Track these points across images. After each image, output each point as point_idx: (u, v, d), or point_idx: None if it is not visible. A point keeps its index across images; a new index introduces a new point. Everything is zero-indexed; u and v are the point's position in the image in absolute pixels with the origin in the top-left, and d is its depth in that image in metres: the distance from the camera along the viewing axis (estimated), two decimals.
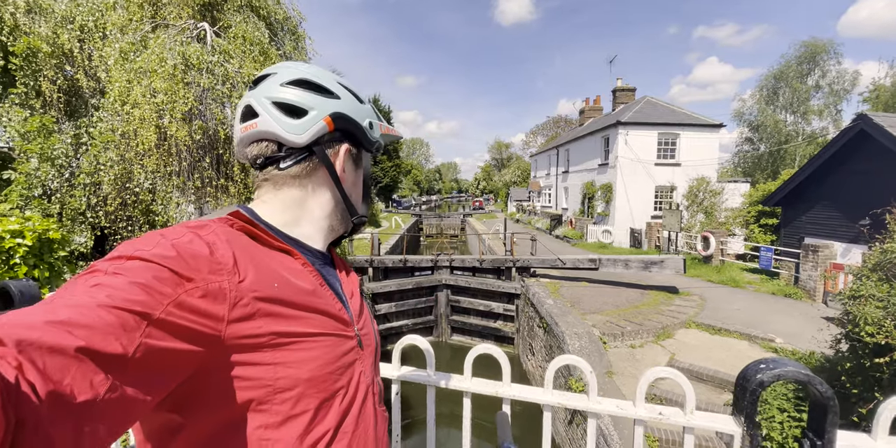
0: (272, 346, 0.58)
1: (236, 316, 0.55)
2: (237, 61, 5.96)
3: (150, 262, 0.51)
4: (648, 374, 1.19)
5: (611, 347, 7.22)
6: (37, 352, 0.36)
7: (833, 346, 4.30)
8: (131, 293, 0.46)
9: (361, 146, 0.79)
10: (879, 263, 3.92)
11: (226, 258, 0.58)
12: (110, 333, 0.42)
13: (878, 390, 3.27)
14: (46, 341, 0.37)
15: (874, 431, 1.02)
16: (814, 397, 1.06)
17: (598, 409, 1.25)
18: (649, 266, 10.31)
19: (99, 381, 0.40)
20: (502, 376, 1.37)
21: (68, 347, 0.38)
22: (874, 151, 9.19)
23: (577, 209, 23.46)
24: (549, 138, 48.54)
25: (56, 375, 0.37)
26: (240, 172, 6.20)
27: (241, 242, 0.63)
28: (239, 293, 0.56)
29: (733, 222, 15.50)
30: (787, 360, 1.11)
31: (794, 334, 7.15)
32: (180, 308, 0.50)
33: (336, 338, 0.67)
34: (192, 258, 0.54)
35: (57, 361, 0.37)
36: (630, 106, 21.36)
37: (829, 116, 27.48)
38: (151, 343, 0.46)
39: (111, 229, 6.55)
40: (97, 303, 0.44)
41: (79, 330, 0.40)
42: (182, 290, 0.51)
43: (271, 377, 0.58)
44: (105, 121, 6.10)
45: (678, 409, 1.20)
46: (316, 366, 0.63)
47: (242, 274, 0.58)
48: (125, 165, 6.07)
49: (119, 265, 0.50)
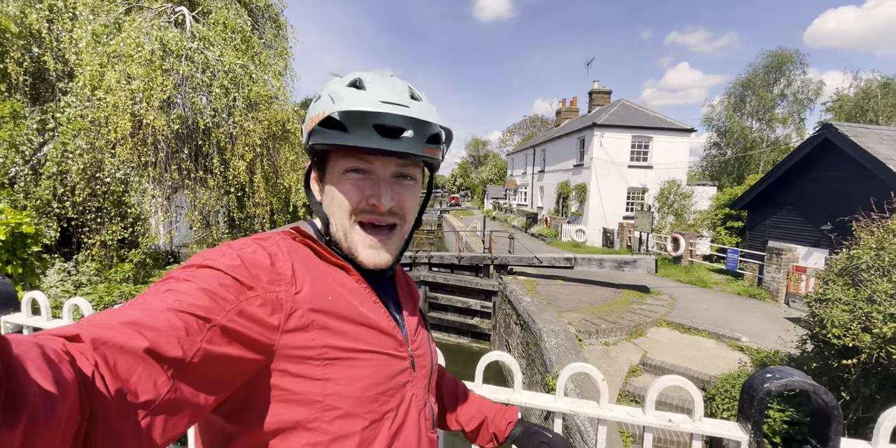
0: (323, 360, 0.59)
1: (291, 326, 0.57)
2: (218, 49, 5.75)
3: (217, 270, 0.54)
4: (658, 383, 1.22)
5: (586, 345, 7.39)
6: (109, 350, 0.39)
7: (799, 347, 4.52)
8: (197, 299, 0.50)
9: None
10: (846, 268, 4.13)
11: (285, 269, 0.60)
12: (174, 336, 0.45)
13: (843, 390, 3.46)
14: (119, 341, 0.40)
15: (875, 439, 1.08)
16: (818, 405, 1.11)
17: (610, 416, 1.28)
18: (622, 265, 10.57)
19: (162, 382, 0.42)
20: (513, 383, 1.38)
21: (137, 348, 0.41)
22: (837, 160, 9.67)
23: (552, 208, 23.83)
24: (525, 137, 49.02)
25: (124, 374, 0.39)
26: (220, 165, 6.01)
27: (301, 255, 0.64)
28: (295, 304, 0.58)
29: (701, 224, 16.07)
30: (792, 369, 1.17)
31: (758, 333, 7.49)
32: (241, 315, 0.52)
33: (387, 357, 0.66)
34: (253, 267, 0.57)
35: (127, 360, 0.40)
36: (605, 108, 21.78)
37: (793, 124, 28.76)
38: (210, 348, 0.48)
39: (79, 221, 6.24)
40: (167, 306, 0.47)
41: (147, 331, 0.43)
42: (244, 298, 0.54)
43: (320, 393, 0.58)
44: (74, 106, 5.78)
45: (686, 417, 1.24)
46: (365, 384, 0.62)
47: (300, 285, 0.60)
48: (95, 154, 5.78)
49: (190, 273, 0.54)
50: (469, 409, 0.98)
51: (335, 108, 0.60)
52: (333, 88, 0.64)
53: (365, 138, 0.61)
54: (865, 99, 24.45)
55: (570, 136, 21.50)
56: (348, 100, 0.61)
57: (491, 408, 1.00)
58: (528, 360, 7.95)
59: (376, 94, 0.62)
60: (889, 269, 3.76)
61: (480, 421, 0.97)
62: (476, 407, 0.99)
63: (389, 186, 0.67)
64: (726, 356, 6.71)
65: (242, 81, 5.78)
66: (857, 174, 9.11)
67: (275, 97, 6.60)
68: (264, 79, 6.16)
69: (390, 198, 0.66)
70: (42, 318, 1.72)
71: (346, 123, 0.61)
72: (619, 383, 6.19)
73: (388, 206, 0.66)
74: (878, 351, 3.25)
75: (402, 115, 0.60)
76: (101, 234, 6.27)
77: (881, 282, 3.64)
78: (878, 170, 8.46)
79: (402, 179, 0.69)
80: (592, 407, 1.31)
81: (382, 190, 0.66)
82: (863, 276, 3.92)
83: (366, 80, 0.65)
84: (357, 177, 0.66)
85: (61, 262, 5.97)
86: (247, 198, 7.12)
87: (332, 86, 0.66)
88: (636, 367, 6.59)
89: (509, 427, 0.96)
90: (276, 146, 6.97)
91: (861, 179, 8.94)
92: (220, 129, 5.98)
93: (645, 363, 6.68)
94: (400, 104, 0.61)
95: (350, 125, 0.61)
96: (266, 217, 7.44)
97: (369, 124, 0.61)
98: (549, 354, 6.62)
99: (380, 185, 0.66)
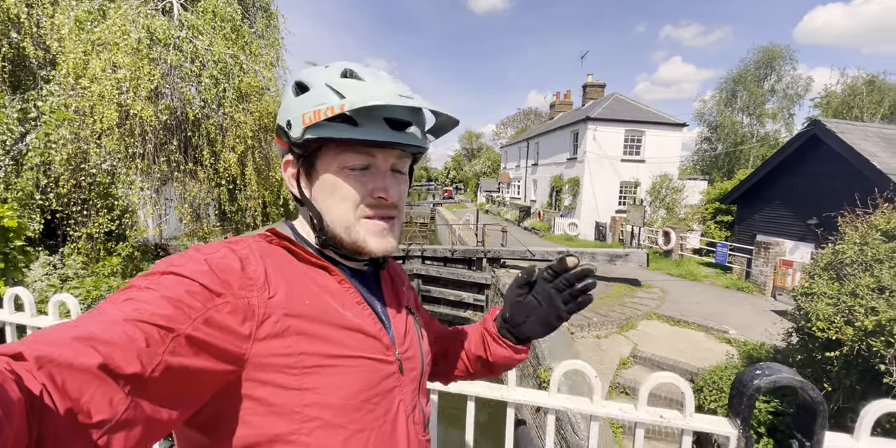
0: (301, 369, 0.56)
1: (264, 334, 0.55)
2: (207, 38, 5.63)
3: (182, 276, 0.52)
4: (651, 379, 1.24)
5: (578, 338, 7.47)
6: (56, 368, 0.37)
7: (785, 339, 4.61)
8: (160, 307, 0.47)
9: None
10: (831, 263, 4.21)
11: (257, 273, 0.57)
12: (131, 350, 0.42)
13: (825, 381, 3.55)
14: (67, 358, 0.38)
15: (857, 433, 1.10)
16: (804, 401, 1.13)
17: (602, 413, 1.29)
18: (614, 259, 10.67)
19: (118, 400, 0.40)
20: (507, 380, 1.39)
21: (89, 365, 0.38)
22: (824, 156, 9.81)
23: (545, 201, 23.90)
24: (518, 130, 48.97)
25: (74, 393, 0.37)
26: (210, 157, 5.92)
27: (276, 258, 0.62)
28: (268, 310, 0.56)
29: (692, 218, 16.23)
30: (781, 366, 1.18)
31: (745, 326, 7.62)
32: (208, 323, 0.50)
33: (372, 361, 0.63)
34: (222, 272, 0.54)
35: (77, 378, 0.37)
36: (599, 102, 21.79)
37: (783, 119, 29.00)
38: (173, 360, 0.46)
39: (64, 213, 6.13)
40: (125, 317, 0.45)
41: (101, 346, 0.40)
42: (211, 305, 0.51)
43: (298, 403, 0.56)
44: (57, 95, 5.64)
45: (678, 412, 1.26)
46: (348, 393, 0.59)
47: (273, 290, 0.57)
48: (80, 144, 5.66)
49: (153, 280, 0.51)
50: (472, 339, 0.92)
51: (356, 101, 0.56)
52: (331, 80, 0.62)
53: (376, 132, 0.60)
54: (851, 95, 24.71)
55: (564, 130, 21.51)
56: (362, 93, 0.59)
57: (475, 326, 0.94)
58: None
59: (386, 86, 0.61)
60: (871, 263, 3.83)
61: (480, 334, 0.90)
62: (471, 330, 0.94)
63: (391, 179, 0.66)
64: (714, 348, 6.83)
65: (233, 72, 5.67)
66: (842, 170, 9.25)
67: (266, 88, 6.50)
68: (255, 69, 6.06)
69: (396, 190, 0.66)
70: (26, 314, 1.68)
71: (357, 118, 0.59)
72: (610, 376, 6.28)
73: (395, 198, 0.65)
74: (860, 343, 3.32)
75: (411, 108, 0.59)
76: (87, 227, 6.16)
77: (864, 276, 3.71)
78: (862, 166, 8.60)
79: (396, 173, 0.68)
80: (585, 404, 1.32)
81: (389, 183, 0.65)
82: (847, 270, 4.00)
83: (357, 71, 0.63)
84: (359, 171, 0.64)
85: (46, 256, 5.87)
86: (238, 190, 7.04)
87: (324, 76, 0.63)
88: (626, 360, 6.69)
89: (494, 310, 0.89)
90: (268, 138, 6.89)
91: (846, 175, 9.08)
92: (210, 121, 5.88)
93: (635, 355, 6.77)
94: (409, 96, 0.60)
95: (361, 119, 0.60)
96: (258, 210, 7.38)
97: (380, 118, 0.60)
98: (541, 347, 6.69)
99: (385, 178, 0.65)
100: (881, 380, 3.16)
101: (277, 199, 7.82)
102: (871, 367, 3.29)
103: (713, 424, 1.22)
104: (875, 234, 4.08)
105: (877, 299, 3.37)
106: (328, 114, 0.58)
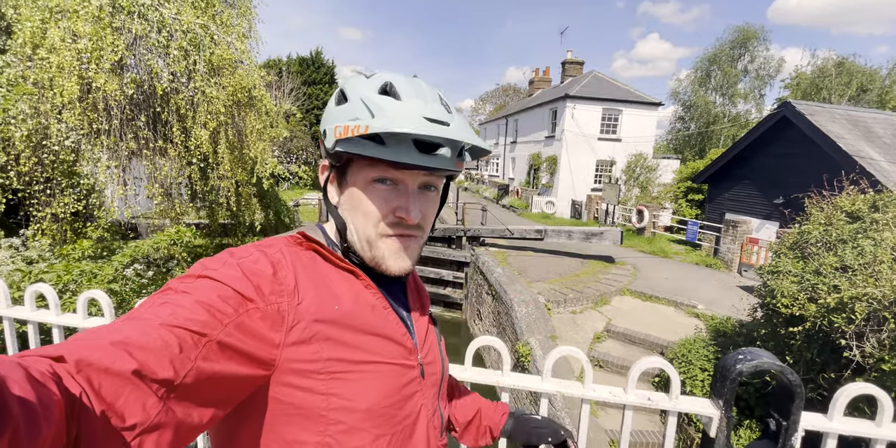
0: (327, 374, 0.57)
1: (293, 339, 0.56)
2: (174, 5, 5.28)
3: (217, 281, 0.53)
4: (640, 364, 1.30)
5: (554, 313, 7.71)
6: (94, 372, 0.38)
7: (751, 314, 4.87)
8: (194, 312, 0.48)
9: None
10: (796, 242, 4.42)
11: (287, 279, 0.58)
12: (165, 355, 0.43)
13: (787, 354, 3.79)
14: (104, 363, 0.39)
15: (830, 413, 1.20)
16: (782, 383, 1.22)
17: (593, 397, 1.36)
18: (590, 237, 10.93)
19: (151, 404, 0.41)
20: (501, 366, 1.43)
21: (125, 370, 0.40)
22: (793, 137, 10.13)
23: (523, 180, 24.04)
24: (497, 106, 48.48)
25: (110, 396, 0.38)
26: (180, 134, 5.65)
27: (306, 262, 0.63)
28: (297, 316, 0.57)
29: (664, 197, 16.67)
30: (761, 351, 1.26)
31: (713, 301, 8.01)
32: (239, 329, 0.51)
33: (397, 367, 0.65)
34: (255, 277, 0.55)
35: (113, 383, 0.39)
36: (578, 80, 21.72)
37: (753, 100, 29.66)
38: (205, 366, 0.47)
39: (26, 192, 5.81)
40: (160, 321, 0.46)
41: (137, 351, 0.42)
42: (243, 310, 0.52)
43: (324, 407, 0.57)
44: (13, 66, 5.23)
45: (664, 395, 1.33)
46: (373, 398, 0.61)
47: (302, 295, 0.58)
48: (40, 119, 5.31)
49: (188, 284, 0.53)
50: (465, 401, 0.98)
51: (379, 125, 0.56)
52: (366, 95, 0.61)
53: (402, 153, 0.59)
54: (821, 77, 25.35)
55: (543, 107, 21.44)
56: (391, 116, 0.58)
57: (483, 400, 1.01)
58: (500, 329, 8.23)
59: (417, 108, 0.60)
60: (835, 243, 4.04)
61: (475, 412, 0.97)
62: (470, 399, 1.00)
63: (417, 199, 0.65)
64: (683, 322, 7.17)
65: (203, 43, 5.34)
66: (810, 152, 9.59)
67: (239, 61, 6.18)
68: (227, 41, 5.73)
69: (418, 211, 0.65)
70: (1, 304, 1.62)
71: (385, 138, 0.59)
72: (585, 349, 6.54)
73: (416, 219, 0.65)
74: (822, 320, 3.55)
75: (444, 138, 0.58)
76: (51, 207, 5.88)
77: (828, 256, 3.92)
78: (829, 148, 8.93)
79: (426, 190, 0.68)
80: (577, 388, 1.38)
81: (411, 204, 0.64)
82: (811, 249, 4.21)
83: (397, 86, 0.62)
84: (384, 187, 0.64)
85: (6, 238, 5.59)
86: (210, 169, 6.79)
87: (362, 90, 0.62)
88: (601, 334, 6.96)
89: (503, 418, 0.97)
90: (242, 114, 6.61)
91: (814, 157, 9.43)
92: (179, 95, 5.57)
93: (609, 330, 7.06)
94: (442, 121, 0.59)
95: (388, 139, 0.59)
96: (231, 189, 7.16)
97: (408, 139, 0.59)
98: (520, 323, 6.88)
99: (408, 198, 0.65)
100: (840, 354, 3.40)
101: (251, 178, 7.61)
102: (832, 341, 3.53)
103: (697, 406, 1.30)
104: (840, 215, 4.29)
105: (839, 278, 3.58)
106: (356, 132, 0.58)
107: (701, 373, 5.12)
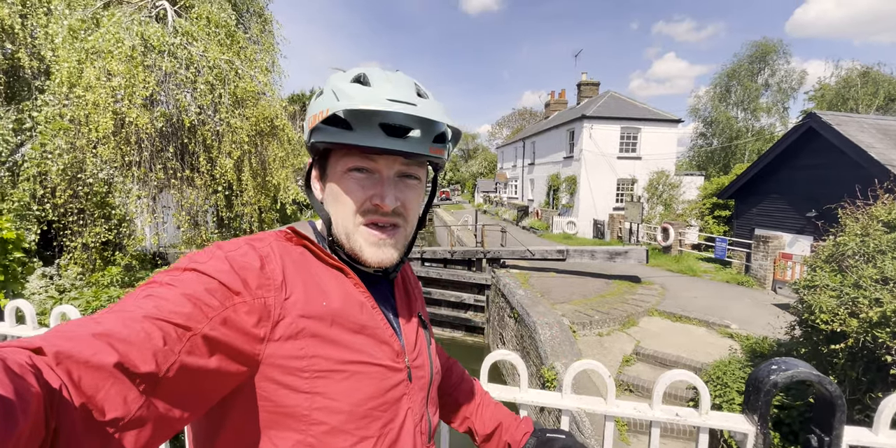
0: (312, 372, 0.56)
1: (278, 335, 0.55)
2: (202, 44, 5.61)
3: (204, 273, 0.52)
4: (665, 377, 1.23)
5: (580, 336, 7.46)
6: (74, 365, 0.37)
7: (788, 333, 4.61)
8: (179, 305, 0.47)
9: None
10: (832, 255, 4.20)
11: (275, 273, 0.57)
12: (148, 348, 0.42)
13: (831, 373, 3.54)
14: (84, 355, 0.38)
15: (875, 426, 1.09)
16: (822, 396, 1.12)
17: (616, 413, 1.28)
18: (614, 256, 10.67)
19: (132, 398, 0.40)
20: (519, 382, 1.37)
21: (106, 363, 0.39)
22: (821, 148, 9.83)
23: (542, 201, 23.92)
24: (514, 130, 49.02)
25: (90, 390, 0.37)
26: (206, 163, 5.89)
27: (295, 257, 0.62)
28: (283, 311, 0.56)
29: (690, 214, 16.26)
30: (797, 361, 1.17)
31: (746, 320, 7.63)
32: (224, 323, 0.50)
33: (382, 369, 0.63)
34: (242, 270, 0.54)
35: (93, 376, 0.38)
36: (594, 100, 21.84)
37: (777, 113, 29.13)
38: (189, 360, 0.46)
39: (60, 223, 6.09)
40: (144, 313, 0.45)
41: (119, 344, 0.40)
42: (229, 304, 0.51)
43: (307, 407, 0.56)
44: (51, 105, 5.61)
45: (693, 410, 1.25)
46: (357, 399, 0.59)
47: (290, 290, 0.57)
48: (76, 154, 5.62)
49: (174, 276, 0.51)
50: (486, 413, 0.95)
51: (340, 106, 0.56)
52: (337, 84, 0.61)
53: (370, 137, 0.58)
54: (846, 87, 24.82)
55: (560, 128, 21.54)
56: (354, 97, 0.58)
57: (506, 414, 0.98)
58: (523, 353, 8.00)
59: (383, 91, 0.59)
60: (874, 254, 3.82)
61: (495, 426, 0.93)
62: (492, 411, 0.96)
63: (393, 186, 0.64)
64: (717, 343, 6.83)
65: (228, 77, 5.65)
66: (839, 162, 9.27)
67: (262, 93, 6.48)
68: (251, 74, 6.03)
69: (394, 198, 0.63)
70: (28, 327, 1.66)
71: (351, 122, 0.58)
72: (614, 373, 6.27)
73: (392, 206, 0.63)
74: (865, 335, 3.31)
75: (408, 115, 0.57)
76: (83, 237, 6.13)
77: (867, 267, 3.71)
78: (860, 158, 8.62)
79: (407, 179, 0.66)
80: (600, 404, 1.31)
81: (386, 190, 0.63)
82: (849, 262, 3.99)
83: (370, 75, 0.62)
84: (360, 176, 0.63)
85: (42, 267, 5.82)
86: (235, 196, 7.01)
87: (335, 81, 0.62)
88: (629, 357, 6.68)
89: (525, 437, 0.92)
90: (265, 143, 6.86)
91: (844, 167, 9.10)
92: (205, 127, 5.85)
93: (638, 352, 6.77)
94: (407, 102, 0.58)
95: (355, 123, 0.58)
96: (255, 215, 7.35)
97: (375, 123, 0.58)
98: (544, 346, 6.67)
99: (383, 184, 0.63)
100: (888, 371, 3.15)
101: (274, 205, 7.80)
102: (877, 358, 3.28)
103: (730, 422, 1.21)
104: (876, 224, 4.08)
105: (881, 290, 3.36)
106: (320, 117, 0.58)
107: (739, 396, 4.82)
